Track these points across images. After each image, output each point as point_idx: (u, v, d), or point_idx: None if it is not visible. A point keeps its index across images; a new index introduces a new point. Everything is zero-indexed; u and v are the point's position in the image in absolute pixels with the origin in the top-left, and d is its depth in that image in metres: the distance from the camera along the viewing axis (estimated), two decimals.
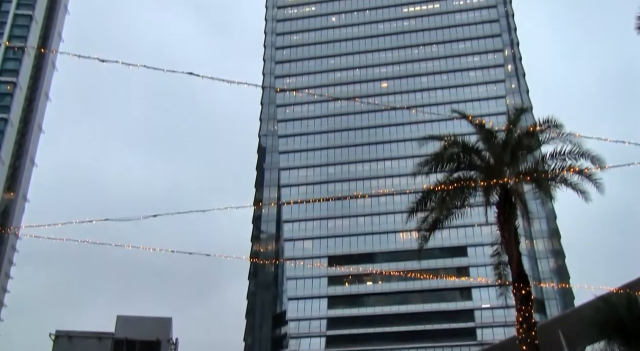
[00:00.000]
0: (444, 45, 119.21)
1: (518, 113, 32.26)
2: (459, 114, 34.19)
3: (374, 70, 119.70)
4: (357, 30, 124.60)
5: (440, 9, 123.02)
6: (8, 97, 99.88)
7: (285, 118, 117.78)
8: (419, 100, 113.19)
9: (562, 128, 29.30)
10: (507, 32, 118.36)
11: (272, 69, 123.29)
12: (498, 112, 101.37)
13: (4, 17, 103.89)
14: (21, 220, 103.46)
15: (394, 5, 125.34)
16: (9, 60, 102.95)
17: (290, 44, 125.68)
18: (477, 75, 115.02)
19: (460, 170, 30.95)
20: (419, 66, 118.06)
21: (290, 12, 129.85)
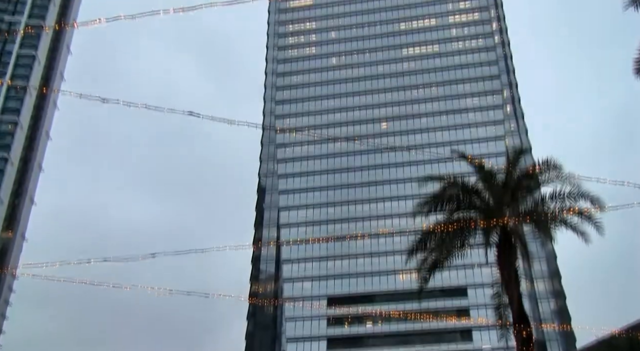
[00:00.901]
0: (443, 87, 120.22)
1: (517, 154, 32.40)
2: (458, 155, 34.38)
3: (373, 110, 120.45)
4: (357, 71, 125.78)
5: (440, 51, 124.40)
6: (9, 136, 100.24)
7: (285, 158, 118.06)
8: (418, 140, 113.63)
9: (561, 169, 29.41)
10: (505, 74, 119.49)
11: (273, 109, 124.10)
12: (497, 153, 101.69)
13: (7, 57, 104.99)
14: (18, 260, 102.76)
15: (394, 47, 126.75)
16: (11, 99, 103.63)
17: (291, 84, 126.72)
18: (476, 116, 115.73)
19: (460, 211, 30.93)
20: (419, 107, 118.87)
21: (290, 53, 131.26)
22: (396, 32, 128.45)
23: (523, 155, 33.30)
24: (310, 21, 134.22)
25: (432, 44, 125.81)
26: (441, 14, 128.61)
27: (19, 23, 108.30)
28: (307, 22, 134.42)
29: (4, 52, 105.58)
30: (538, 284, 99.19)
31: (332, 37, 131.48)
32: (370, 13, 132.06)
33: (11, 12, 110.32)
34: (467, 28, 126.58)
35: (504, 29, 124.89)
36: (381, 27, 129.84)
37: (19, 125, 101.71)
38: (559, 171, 29.33)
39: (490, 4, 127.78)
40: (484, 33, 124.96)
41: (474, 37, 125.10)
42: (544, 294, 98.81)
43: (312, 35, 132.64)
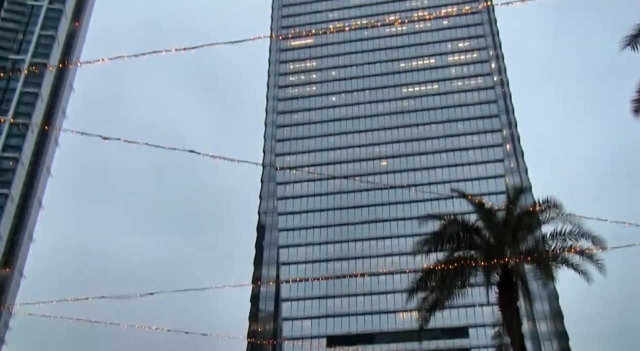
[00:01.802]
0: (443, 125, 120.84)
1: (517, 193, 32.42)
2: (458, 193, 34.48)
3: (374, 148, 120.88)
4: (358, 110, 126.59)
5: (440, 90, 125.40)
6: (10, 173, 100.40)
7: (285, 196, 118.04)
8: (418, 179, 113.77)
9: (561, 208, 29.39)
10: (505, 113, 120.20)
11: (273, 146, 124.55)
12: (497, 192, 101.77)
13: (10, 94, 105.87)
14: (15, 297, 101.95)
15: (394, 85, 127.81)
16: (13, 136, 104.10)
17: (291, 122, 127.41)
18: (476, 155, 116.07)
19: (460, 250, 30.82)
20: (419, 145, 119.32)
21: (291, 91, 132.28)
22: (396, 71, 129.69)
23: (523, 194, 33.35)
24: (311, 60, 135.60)
25: (432, 82, 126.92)
26: (440, 54, 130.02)
27: (23, 61, 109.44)
28: (307, 61, 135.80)
29: (7, 89, 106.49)
30: (540, 324, 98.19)
31: (333, 75, 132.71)
32: (370, 52, 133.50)
33: (16, 50, 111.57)
34: (466, 67, 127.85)
35: (502, 69, 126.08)
36: (381, 66, 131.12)
37: (20, 161, 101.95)
38: (559, 210, 29.31)
39: (489, 45, 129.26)
40: (483, 72, 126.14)
41: (473, 76, 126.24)
42: (546, 335, 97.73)
43: (313, 74, 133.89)
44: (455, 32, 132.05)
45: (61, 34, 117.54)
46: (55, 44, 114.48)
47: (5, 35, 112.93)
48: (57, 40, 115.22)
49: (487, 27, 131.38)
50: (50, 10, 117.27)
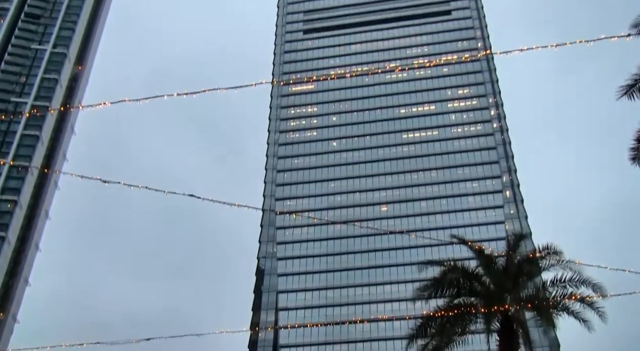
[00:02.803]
0: (442, 171, 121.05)
1: (517, 240, 32.24)
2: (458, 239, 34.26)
3: (373, 194, 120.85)
4: (358, 155, 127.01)
5: (439, 136, 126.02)
6: (7, 215, 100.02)
7: (285, 240, 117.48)
8: (418, 224, 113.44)
9: (561, 255, 29.23)
10: (504, 159, 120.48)
11: (273, 191, 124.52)
12: (497, 238, 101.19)
13: (11, 137, 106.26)
14: (8, 343, 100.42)
15: (394, 131, 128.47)
16: (12, 179, 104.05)
17: (292, 167, 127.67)
18: (475, 201, 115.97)
19: (460, 296, 30.53)
20: (418, 191, 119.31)
21: (292, 136, 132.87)
22: (396, 117, 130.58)
23: (523, 240, 33.17)
24: (312, 106, 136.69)
25: (432, 129, 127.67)
26: (440, 100, 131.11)
27: (25, 104, 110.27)
28: (309, 106, 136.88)
29: (8, 132, 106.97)
30: None
31: (333, 121, 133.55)
32: (370, 98, 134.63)
33: (18, 93, 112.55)
34: (466, 114, 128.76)
35: (502, 116, 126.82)
36: (381, 112, 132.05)
37: (18, 204, 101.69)
38: (559, 257, 29.15)
39: (488, 92, 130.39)
40: (483, 119, 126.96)
41: (472, 122, 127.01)
42: None
43: (314, 119, 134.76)
44: (455, 79, 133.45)
45: (64, 77, 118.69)
46: (57, 87, 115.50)
47: (9, 78, 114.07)
48: (59, 84, 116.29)
49: (486, 74, 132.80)
50: (54, 54, 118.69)
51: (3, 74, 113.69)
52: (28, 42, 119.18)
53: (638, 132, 27.52)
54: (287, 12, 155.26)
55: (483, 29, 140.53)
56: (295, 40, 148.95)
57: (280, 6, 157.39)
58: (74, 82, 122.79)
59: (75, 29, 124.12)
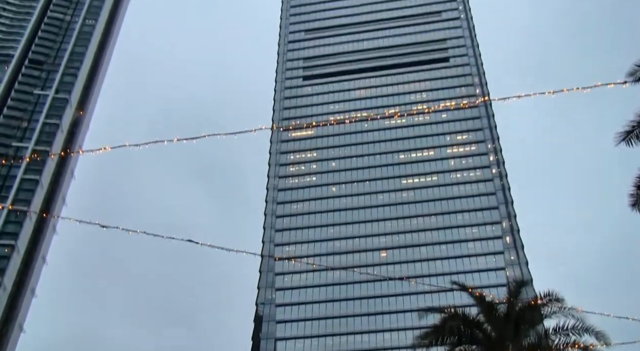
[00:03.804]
0: (442, 217, 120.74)
1: (518, 286, 31.92)
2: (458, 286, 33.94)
3: (373, 239, 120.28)
4: (357, 201, 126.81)
5: (438, 182, 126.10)
6: (4, 260, 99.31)
7: (284, 286, 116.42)
8: (418, 270, 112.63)
9: (563, 302, 28.90)
10: (504, 205, 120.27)
11: (272, 236, 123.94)
12: (498, 284, 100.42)
13: (11, 181, 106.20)
14: None
15: (394, 177, 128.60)
16: (11, 223, 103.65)
17: (291, 212, 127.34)
18: (475, 247, 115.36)
19: (461, 344, 30.10)
20: (418, 237, 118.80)
21: (291, 182, 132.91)
22: (395, 162, 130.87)
23: (524, 287, 32.82)
24: (312, 151, 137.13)
25: (431, 174, 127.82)
26: (439, 146, 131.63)
27: (26, 149, 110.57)
28: (308, 152, 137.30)
29: (8, 176, 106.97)
30: None
31: (333, 166, 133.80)
32: (370, 144, 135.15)
33: (19, 138, 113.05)
34: (465, 159, 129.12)
35: (501, 161, 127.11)
36: (381, 158, 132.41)
37: (15, 249, 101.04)
38: (561, 304, 28.81)
39: (487, 138, 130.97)
40: (482, 165, 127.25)
41: (471, 168, 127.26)
42: None
43: (313, 165, 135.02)
44: (454, 125, 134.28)
45: (65, 122, 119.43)
46: (58, 132, 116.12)
47: (11, 123, 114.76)
48: (60, 128, 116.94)
49: (484, 120, 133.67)
50: (56, 99, 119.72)
51: (5, 119, 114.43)
52: (31, 87, 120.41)
53: (637, 178, 27.53)
54: (287, 58, 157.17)
55: (481, 76, 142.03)
56: (295, 87, 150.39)
57: (280, 53, 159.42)
58: (74, 127, 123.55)
59: (78, 74, 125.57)
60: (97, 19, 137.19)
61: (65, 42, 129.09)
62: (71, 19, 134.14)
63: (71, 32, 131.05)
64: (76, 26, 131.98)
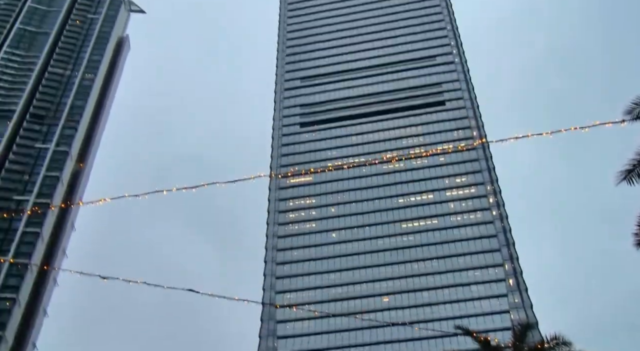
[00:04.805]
0: (444, 260, 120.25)
1: (524, 330, 31.87)
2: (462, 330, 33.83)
3: (374, 285, 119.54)
4: (358, 246, 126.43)
5: (439, 225, 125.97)
6: (5, 314, 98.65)
7: (286, 334, 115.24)
8: (420, 315, 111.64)
9: (571, 345, 28.82)
10: (505, 247, 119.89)
11: (273, 284, 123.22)
12: (503, 328, 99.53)
13: (12, 234, 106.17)
14: None
15: (394, 221, 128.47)
16: (12, 276, 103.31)
17: (291, 259, 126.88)
18: (479, 290, 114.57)
19: None
20: (420, 281, 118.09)
21: (291, 228, 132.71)
22: (395, 206, 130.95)
23: (530, 331, 32.71)
24: (311, 197, 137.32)
25: (431, 218, 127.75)
26: (438, 189, 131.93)
27: (27, 202, 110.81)
28: (307, 198, 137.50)
29: (9, 230, 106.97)
30: None
31: (332, 212, 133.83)
32: (369, 189, 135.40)
33: (21, 191, 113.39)
34: (465, 202, 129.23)
35: (500, 203, 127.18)
36: (380, 202, 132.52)
37: (17, 302, 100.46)
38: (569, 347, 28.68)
39: (485, 180, 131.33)
40: (482, 207, 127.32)
41: (471, 211, 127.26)
42: None
43: (312, 211, 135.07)
44: (452, 168, 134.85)
45: (65, 175, 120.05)
46: (59, 184, 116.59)
47: (12, 177, 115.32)
48: (61, 181, 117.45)
49: (483, 163, 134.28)
50: (56, 152, 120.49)
51: (7, 172, 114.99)
52: (32, 141, 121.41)
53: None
54: (284, 106, 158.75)
55: (477, 118, 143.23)
56: (293, 134, 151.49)
57: (277, 101, 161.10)
58: (75, 179, 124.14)
59: (78, 127, 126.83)
60: (96, 73, 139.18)
61: (65, 96, 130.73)
62: (71, 74, 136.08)
63: (71, 86, 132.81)
64: (76, 80, 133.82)
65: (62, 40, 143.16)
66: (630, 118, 27.28)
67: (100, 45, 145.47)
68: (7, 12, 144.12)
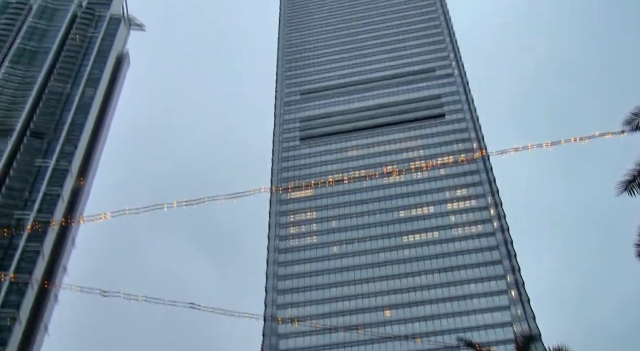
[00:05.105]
0: (445, 273, 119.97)
1: (526, 342, 31.78)
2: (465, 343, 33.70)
3: (376, 298, 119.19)
4: (359, 259, 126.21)
5: (440, 238, 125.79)
6: (6, 331, 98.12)
7: (288, 349, 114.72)
8: (423, 328, 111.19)
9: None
10: (507, 259, 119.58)
11: (274, 298, 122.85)
12: (505, 340, 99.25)
13: (13, 251, 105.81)
14: None
15: (394, 234, 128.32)
16: (13, 293, 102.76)
17: (292, 273, 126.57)
18: (480, 303, 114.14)
19: None
20: (422, 294, 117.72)
21: (292, 242, 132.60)
22: (395, 220, 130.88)
23: (533, 342, 32.60)
24: (311, 211, 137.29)
25: (432, 230, 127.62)
26: (439, 202, 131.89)
27: (28, 219, 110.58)
28: (307, 212, 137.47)
29: (10, 246, 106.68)
30: None
31: (333, 226, 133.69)
32: (369, 202, 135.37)
33: (21, 207, 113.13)
34: (465, 214, 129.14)
35: (501, 215, 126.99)
36: (380, 216, 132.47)
37: (17, 320, 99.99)
38: None
39: (486, 192, 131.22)
40: (483, 219, 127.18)
41: (472, 223, 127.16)
42: None
43: (313, 225, 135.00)
44: (453, 180, 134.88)
45: (66, 191, 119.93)
46: (59, 201, 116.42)
47: (12, 194, 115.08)
48: (61, 197, 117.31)
49: (483, 175, 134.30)
50: (56, 169, 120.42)
51: (7, 189, 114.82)
52: (32, 158, 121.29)
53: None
54: (284, 120, 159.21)
55: (477, 130, 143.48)
56: (293, 148, 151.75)
57: (277, 115, 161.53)
58: (75, 195, 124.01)
59: (78, 144, 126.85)
60: (96, 90, 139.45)
61: (65, 112, 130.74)
62: (71, 91, 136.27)
63: (71, 103, 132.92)
64: (76, 97, 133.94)
65: (62, 57, 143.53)
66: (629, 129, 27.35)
67: (100, 62, 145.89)
68: (7, 30, 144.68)
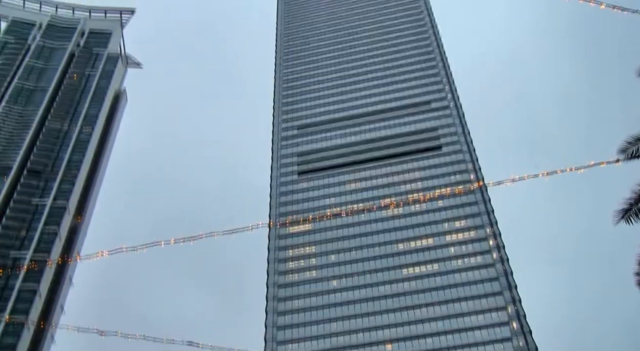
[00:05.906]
0: (446, 306, 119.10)
1: None
2: None
3: (377, 332, 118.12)
4: (359, 293, 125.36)
5: (440, 270, 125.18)
6: None
7: None
8: None
9: None
10: (507, 290, 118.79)
11: (274, 335, 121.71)
12: None
13: (9, 292, 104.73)
14: None
15: (394, 267, 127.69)
16: (9, 334, 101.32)
17: (292, 309, 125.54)
18: (482, 335, 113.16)
19: None
20: (423, 327, 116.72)
21: (291, 277, 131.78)
22: (395, 252, 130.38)
23: None
24: (310, 246, 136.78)
25: (432, 263, 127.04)
26: (438, 234, 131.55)
27: (24, 258, 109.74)
28: (306, 246, 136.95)
29: (6, 287, 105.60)
30: None
31: (332, 260, 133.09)
32: (368, 235, 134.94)
33: (18, 247, 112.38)
34: (465, 246, 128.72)
35: (501, 246, 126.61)
36: (380, 249, 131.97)
37: None
38: None
39: (485, 223, 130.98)
40: (482, 250, 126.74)
41: (472, 254, 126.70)
42: None
43: (312, 259, 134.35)
44: (451, 212, 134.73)
45: (63, 229, 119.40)
46: (57, 239, 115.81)
47: (9, 233, 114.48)
48: (59, 236, 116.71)
49: (481, 206, 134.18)
50: (54, 207, 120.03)
51: (4, 229, 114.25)
52: (29, 196, 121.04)
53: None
54: (281, 155, 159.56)
55: (474, 162, 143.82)
56: (291, 182, 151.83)
57: (274, 150, 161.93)
58: (72, 234, 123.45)
59: (75, 182, 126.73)
60: (93, 127, 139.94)
61: (62, 150, 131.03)
62: (69, 128, 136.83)
63: (68, 141, 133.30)
64: (73, 135, 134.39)
65: (59, 95, 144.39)
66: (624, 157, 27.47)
67: (97, 100, 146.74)
68: (5, 69, 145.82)
